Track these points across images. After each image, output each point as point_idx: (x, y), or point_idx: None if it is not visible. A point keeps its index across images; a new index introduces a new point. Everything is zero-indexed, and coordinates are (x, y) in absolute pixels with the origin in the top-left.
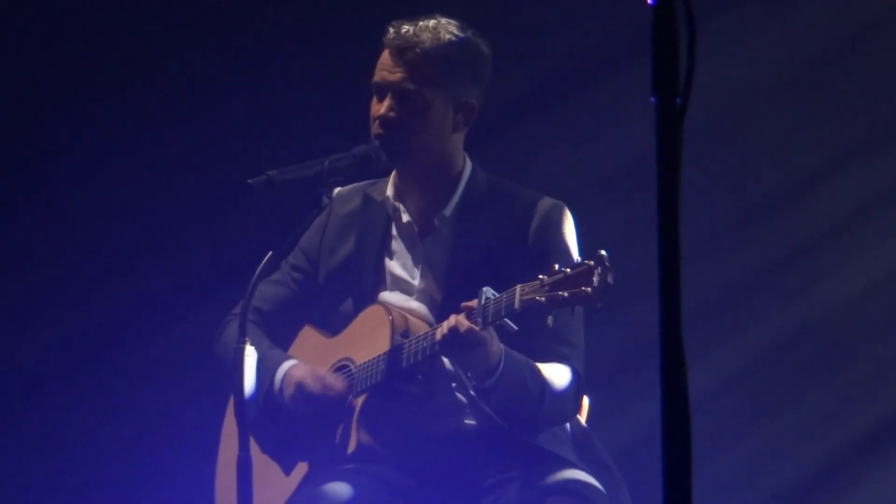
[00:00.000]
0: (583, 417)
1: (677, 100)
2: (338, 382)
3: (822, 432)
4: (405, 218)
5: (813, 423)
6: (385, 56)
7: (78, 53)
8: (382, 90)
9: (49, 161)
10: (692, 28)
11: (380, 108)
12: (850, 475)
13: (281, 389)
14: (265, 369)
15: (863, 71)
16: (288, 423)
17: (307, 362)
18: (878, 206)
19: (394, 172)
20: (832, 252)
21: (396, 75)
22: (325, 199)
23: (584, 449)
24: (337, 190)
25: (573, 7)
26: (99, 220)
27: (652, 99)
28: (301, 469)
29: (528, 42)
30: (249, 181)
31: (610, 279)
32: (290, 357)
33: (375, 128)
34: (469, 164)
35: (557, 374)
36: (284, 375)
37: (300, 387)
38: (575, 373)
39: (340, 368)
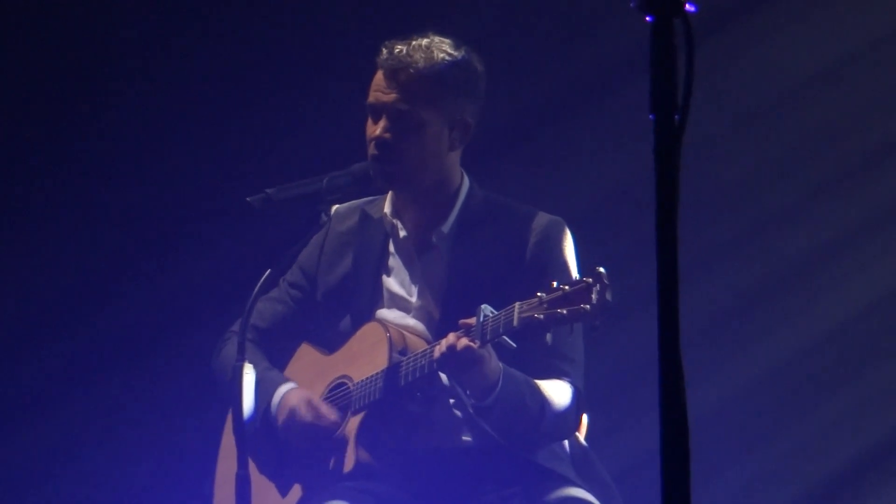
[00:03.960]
0: (582, 435)
1: (675, 117)
2: (330, 413)
3: (830, 447)
4: (403, 235)
5: (820, 438)
6: (379, 77)
7: (81, 69)
8: (377, 111)
9: (50, 178)
10: (690, 45)
11: (375, 129)
12: (858, 492)
13: (277, 413)
14: (263, 391)
15: (866, 86)
16: (285, 445)
17: (305, 379)
18: (891, 217)
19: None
20: (844, 263)
21: (390, 96)
22: (324, 217)
23: (584, 467)
24: (335, 207)
25: (572, 24)
26: (98, 237)
27: (650, 116)
28: (297, 491)
29: (526, 60)
30: (248, 199)
31: (608, 296)
32: (287, 380)
33: (371, 149)
34: (466, 181)
35: (557, 391)
36: (280, 400)
37: (292, 413)
38: (575, 389)
39: (338, 386)
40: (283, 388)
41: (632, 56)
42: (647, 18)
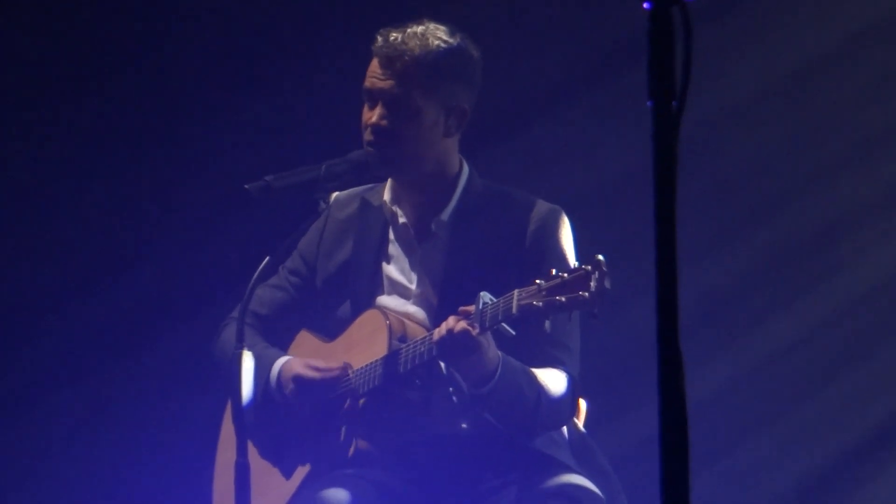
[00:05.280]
0: (581, 422)
1: (673, 104)
2: (332, 364)
3: (825, 435)
4: (402, 222)
5: (816, 426)
6: (374, 64)
7: (76, 58)
8: (373, 97)
9: (47, 164)
10: (689, 32)
11: (371, 115)
12: (853, 480)
13: (279, 385)
14: (261, 367)
15: (861, 74)
16: (287, 425)
17: None
18: (882, 208)
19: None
20: (838, 253)
21: (386, 82)
22: (322, 205)
23: (582, 453)
24: (335, 195)
25: (570, 12)
26: (97, 224)
27: (648, 103)
28: (300, 473)
29: (525, 47)
30: (247, 187)
31: (607, 284)
32: (284, 354)
33: (367, 135)
34: (466, 169)
35: (553, 380)
36: (280, 371)
37: (297, 377)
38: (570, 378)
39: None
40: (281, 361)
41: (630, 43)
42: (645, 5)
